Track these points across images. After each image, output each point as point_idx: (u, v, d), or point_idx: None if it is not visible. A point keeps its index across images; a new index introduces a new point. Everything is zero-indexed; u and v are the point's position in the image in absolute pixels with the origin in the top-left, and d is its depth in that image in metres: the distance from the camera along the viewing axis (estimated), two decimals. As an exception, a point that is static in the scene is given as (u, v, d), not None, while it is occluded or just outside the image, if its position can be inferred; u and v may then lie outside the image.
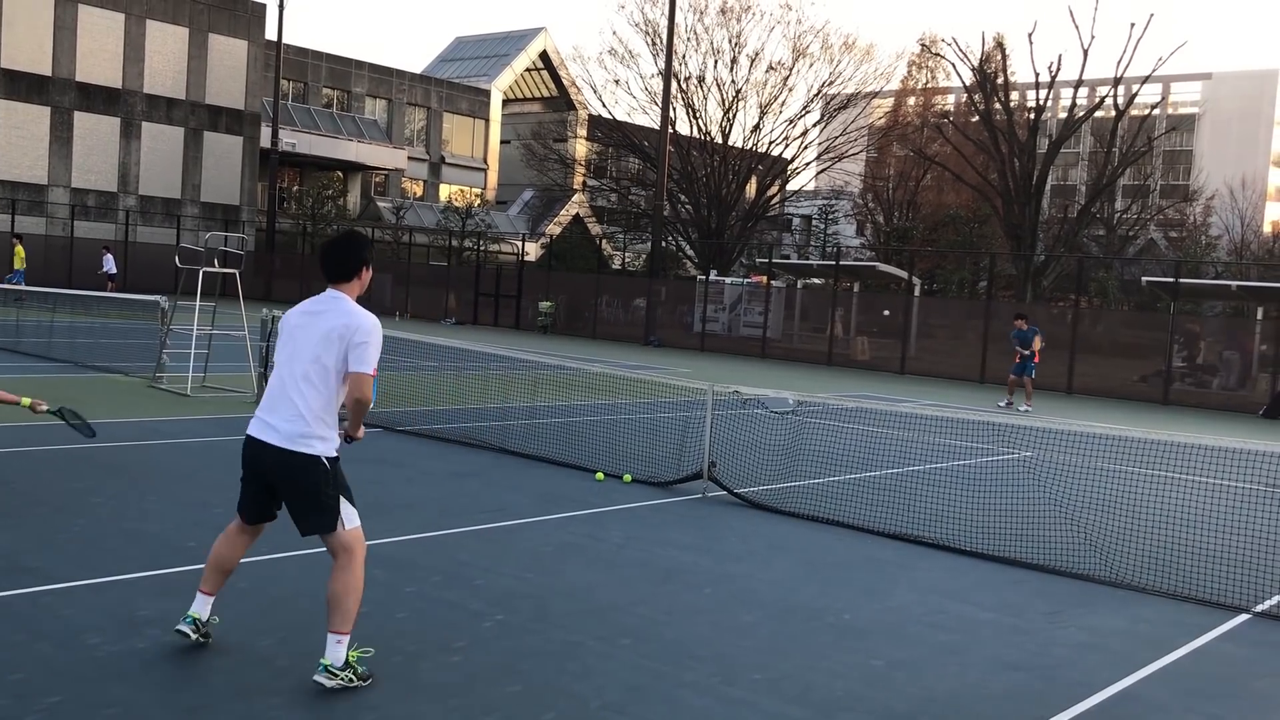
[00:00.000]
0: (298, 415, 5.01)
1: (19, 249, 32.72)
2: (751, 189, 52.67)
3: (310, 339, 5.05)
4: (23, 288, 27.93)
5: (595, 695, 5.08)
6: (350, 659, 4.96)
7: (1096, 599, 7.45)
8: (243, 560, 6.81)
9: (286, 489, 5.09)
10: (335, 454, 5.08)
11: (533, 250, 57.18)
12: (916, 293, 36.13)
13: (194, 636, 5.24)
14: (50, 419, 7.56)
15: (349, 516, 5.06)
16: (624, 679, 5.30)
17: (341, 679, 4.90)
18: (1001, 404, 21.21)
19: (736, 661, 5.66)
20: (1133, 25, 40.70)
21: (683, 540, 8.30)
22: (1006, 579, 7.82)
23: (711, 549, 8.08)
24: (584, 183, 61.47)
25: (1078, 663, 6.05)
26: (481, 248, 47.77)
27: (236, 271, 15.69)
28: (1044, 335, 20.84)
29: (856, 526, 9.11)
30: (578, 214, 64.58)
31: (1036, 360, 21.08)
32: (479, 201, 60.22)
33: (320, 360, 5.01)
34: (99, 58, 43.51)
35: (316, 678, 4.89)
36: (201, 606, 5.31)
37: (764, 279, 37.51)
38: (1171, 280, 30.24)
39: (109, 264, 35.58)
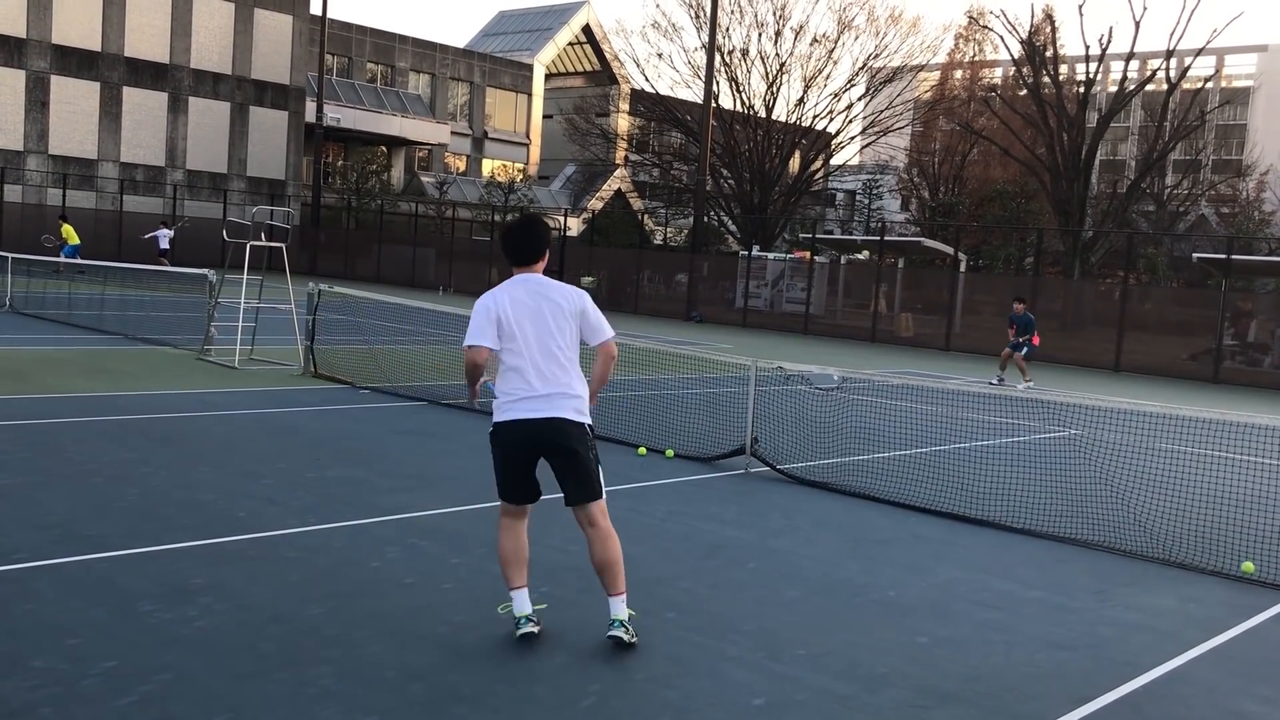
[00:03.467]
0: (572, 389, 5.30)
1: (67, 227, 33.11)
2: (795, 164, 52.31)
3: (548, 319, 5.30)
4: (77, 261, 28.30)
5: (640, 668, 5.10)
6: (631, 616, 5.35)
7: (1145, 578, 7.37)
8: (291, 530, 6.94)
9: (564, 459, 5.30)
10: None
11: (575, 225, 57.18)
12: (962, 269, 35.77)
13: (537, 629, 5.35)
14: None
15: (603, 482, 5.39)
16: (668, 652, 5.32)
17: (632, 629, 5.32)
18: (993, 380, 20.98)
19: (780, 636, 5.66)
20: (1187, -4, 39.91)
21: (726, 515, 8.30)
22: (1053, 557, 7.75)
23: (755, 524, 8.07)
24: (626, 158, 61.33)
25: (1125, 642, 5.99)
26: (524, 223, 47.77)
27: (283, 245, 15.83)
28: (1037, 332, 20.99)
29: (901, 503, 9.07)
30: (620, 189, 64.46)
31: (1035, 342, 21.02)
32: (521, 176, 60.29)
33: (565, 337, 5.32)
34: (147, 33, 43.93)
35: (618, 635, 5.25)
36: (523, 603, 5.39)
37: (807, 255, 37.29)
38: (1223, 257, 29.73)
39: (163, 239, 35.83)
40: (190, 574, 5.95)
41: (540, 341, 5.27)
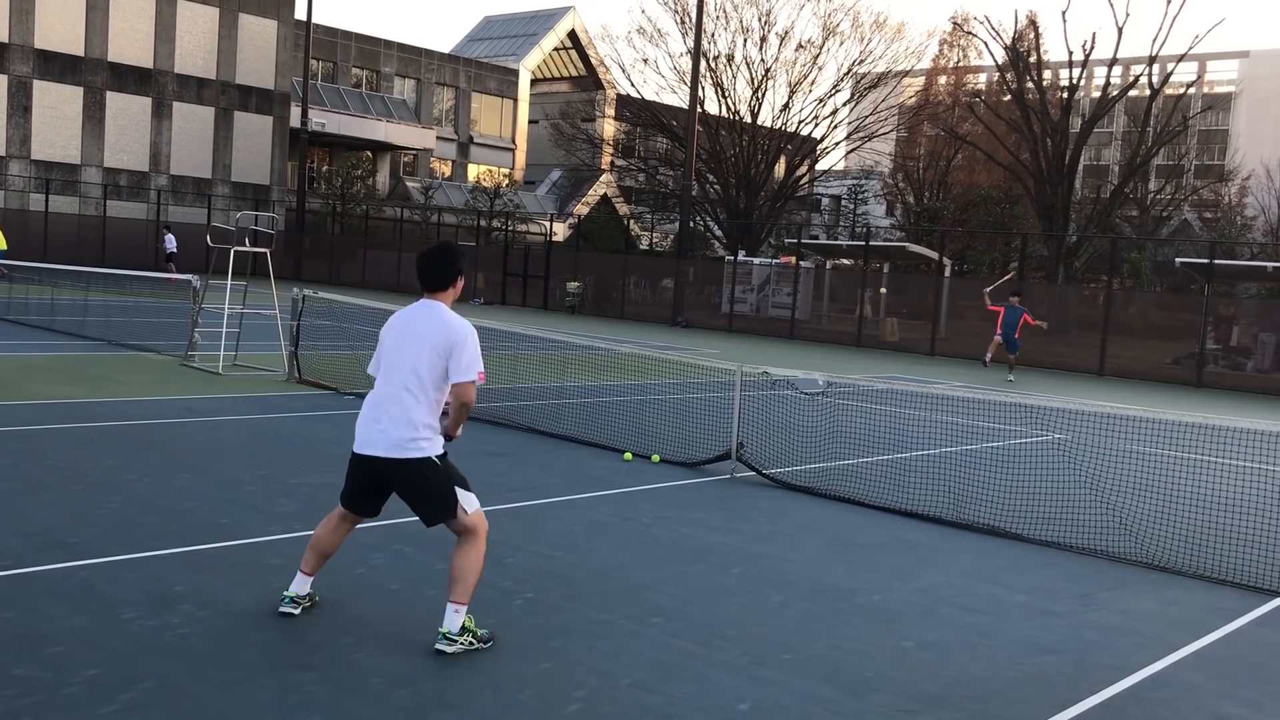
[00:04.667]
0: (405, 423, 5.19)
1: None
2: (780, 169, 52.41)
3: (407, 351, 5.24)
4: (7, 262, 27.94)
5: (625, 673, 5.09)
6: (467, 624, 5.21)
7: (1129, 582, 7.40)
8: (275, 537, 6.91)
9: (403, 491, 5.33)
10: (443, 450, 5.31)
11: (560, 230, 57.16)
12: (947, 273, 35.89)
13: (297, 611, 5.46)
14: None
15: (468, 502, 5.30)
16: (654, 658, 5.31)
17: (461, 644, 5.17)
18: (984, 364, 22.36)
19: (766, 641, 5.66)
20: (1168, 2, 40.12)
21: (712, 520, 8.30)
22: (1038, 561, 7.78)
23: (740, 529, 8.07)
24: (612, 163, 61.36)
25: (1109, 645, 6.01)
26: (509, 228, 47.84)
27: (267, 251, 15.78)
28: (1027, 313, 22.27)
29: (886, 508, 9.08)
30: (606, 194, 64.48)
31: (1026, 324, 22.29)
32: (507, 181, 60.24)
33: (417, 372, 5.21)
34: (130, 38, 43.77)
35: (437, 646, 5.15)
36: (301, 585, 5.52)
37: (792, 259, 37.36)
38: (1206, 261, 29.89)
39: (170, 243, 35.76)
40: (173, 581, 5.92)
41: (391, 374, 5.26)
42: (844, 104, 51.12)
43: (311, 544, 5.54)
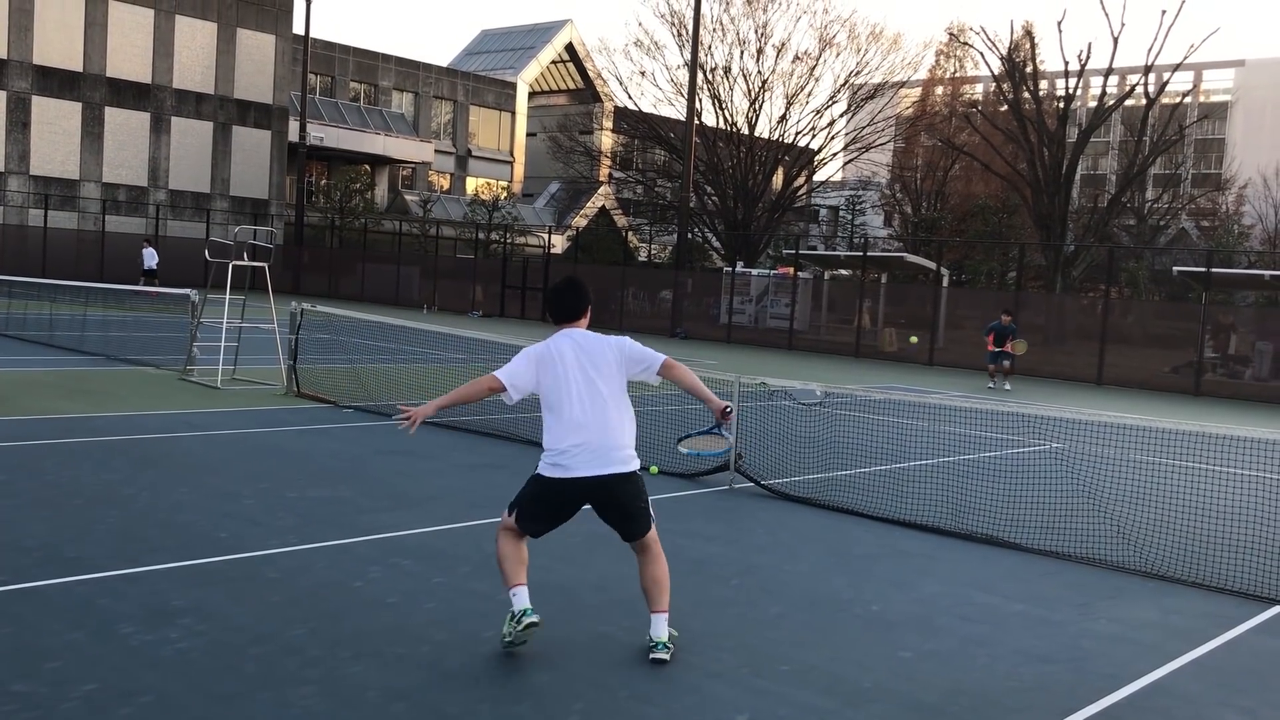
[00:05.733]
0: (617, 441, 5.43)
1: None
2: (778, 180, 52.50)
3: (591, 373, 5.45)
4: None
5: (623, 685, 5.09)
6: (671, 635, 5.50)
7: (1127, 590, 7.40)
8: (273, 551, 6.91)
9: (621, 507, 5.47)
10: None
11: (559, 242, 57.21)
12: (945, 283, 35.93)
13: (537, 618, 5.34)
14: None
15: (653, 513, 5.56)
16: (653, 669, 5.31)
17: (672, 647, 5.45)
18: (989, 386, 22.51)
19: (764, 652, 5.66)
20: (1164, 12, 40.32)
21: (710, 532, 8.30)
22: (1036, 570, 7.78)
23: (738, 540, 8.07)
24: (610, 175, 61.45)
25: (1108, 654, 6.01)
26: (508, 240, 47.88)
27: (266, 265, 15.80)
28: (1025, 343, 22.76)
29: (884, 518, 9.09)
30: (604, 206, 64.57)
31: (1010, 349, 22.59)
32: (505, 194, 60.35)
33: (614, 390, 5.49)
34: (129, 53, 43.87)
35: (657, 655, 5.36)
36: (524, 598, 5.39)
37: (790, 270, 37.40)
38: (1203, 270, 29.94)
39: (149, 258, 35.35)
40: (171, 595, 5.92)
41: (591, 397, 5.45)
42: (841, 115, 51.24)
43: (505, 559, 5.45)
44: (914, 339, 27.48)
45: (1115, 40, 40.68)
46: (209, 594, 5.98)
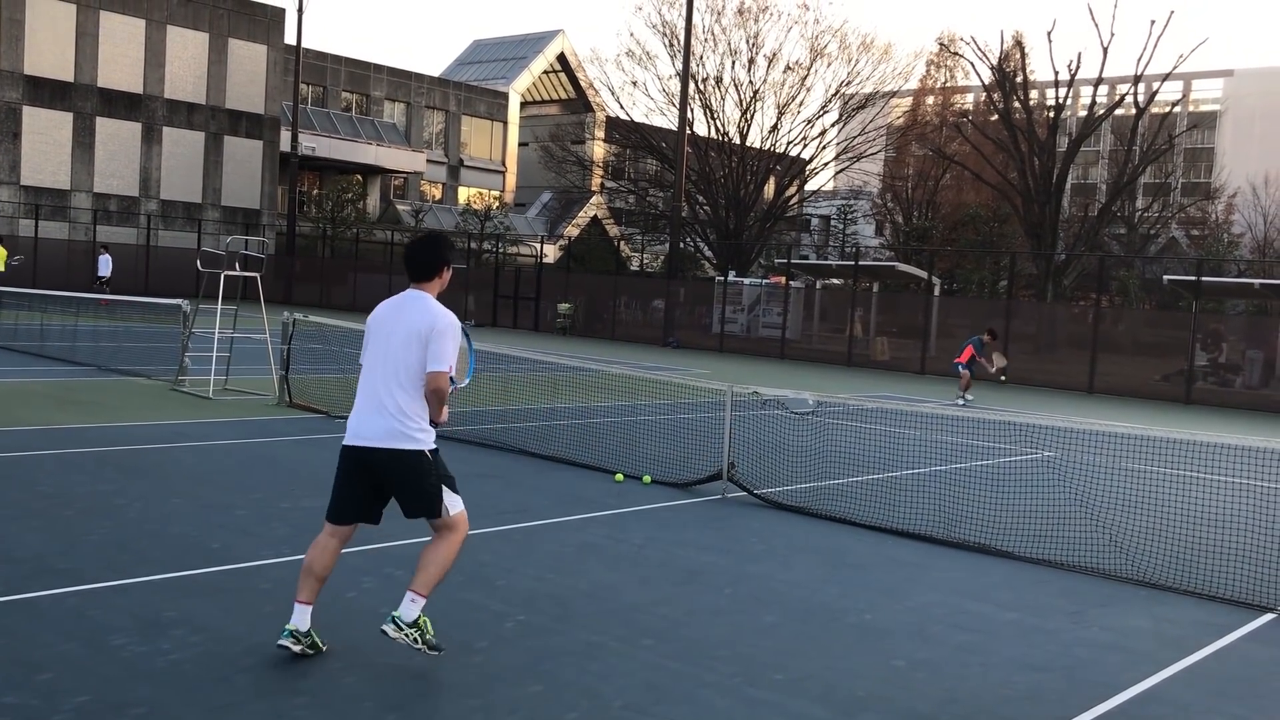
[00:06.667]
0: (398, 412, 5.21)
1: (0, 251, 32.41)
2: (770, 189, 52.61)
3: (395, 340, 5.26)
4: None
5: (617, 695, 5.09)
6: (421, 622, 5.19)
7: (1119, 598, 7.42)
8: (266, 561, 6.90)
9: (394, 484, 5.30)
10: (434, 445, 5.31)
11: (551, 252, 57.25)
12: (936, 292, 36.00)
13: (296, 649, 5.22)
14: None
15: (453, 503, 5.31)
16: (646, 679, 5.31)
17: (406, 635, 5.16)
18: (959, 401, 21.07)
19: (757, 662, 5.66)
20: (1153, 22, 40.63)
21: (703, 541, 8.31)
22: (1029, 579, 7.79)
23: (732, 550, 8.08)
24: (602, 184, 61.53)
25: (1100, 663, 6.02)
26: (500, 250, 47.88)
27: (257, 275, 15.78)
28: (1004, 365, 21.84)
29: (877, 527, 9.10)
30: (596, 215, 64.64)
31: (973, 360, 21.54)
32: (497, 204, 60.37)
33: (407, 362, 5.22)
34: (120, 63, 43.83)
35: (383, 626, 5.21)
36: (301, 618, 5.28)
37: (782, 279, 37.45)
38: (1194, 279, 30.04)
39: (103, 266, 34.48)
40: (163, 606, 5.90)
41: (384, 364, 5.27)
42: (832, 125, 51.39)
43: (304, 570, 5.43)
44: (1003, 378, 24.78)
45: (1105, 50, 40.89)
46: (201, 605, 5.97)
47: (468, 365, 6.02)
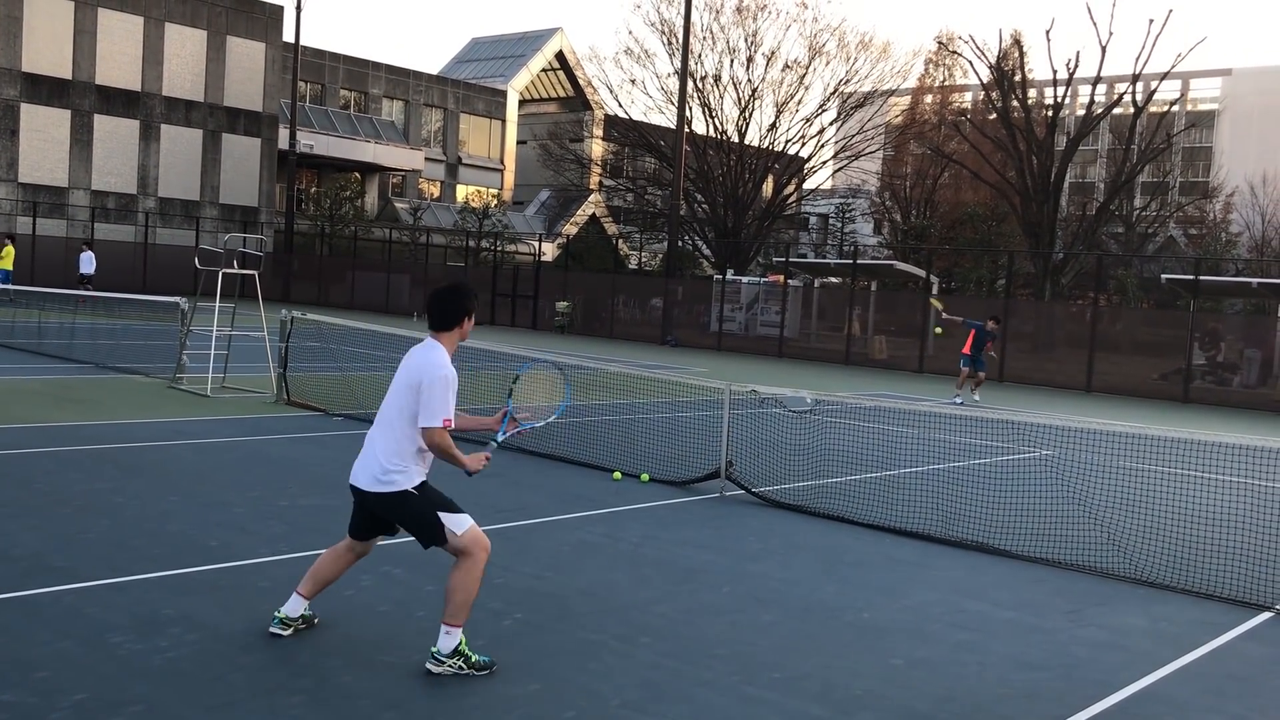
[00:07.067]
0: (374, 457, 5.29)
1: (9, 249, 32.36)
2: (768, 188, 52.59)
3: (397, 384, 5.35)
4: (9, 287, 27.67)
5: (615, 694, 5.09)
6: (462, 648, 5.18)
7: (1117, 597, 7.42)
8: (263, 559, 6.89)
9: (394, 520, 5.41)
10: (419, 480, 5.30)
11: (549, 250, 57.23)
12: (934, 291, 36.01)
13: (286, 633, 5.47)
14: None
15: (456, 524, 5.26)
16: (643, 677, 5.31)
17: (449, 666, 5.14)
18: (957, 400, 20.70)
19: (755, 660, 5.66)
20: (1151, 22, 40.64)
21: (701, 539, 8.31)
22: (1026, 577, 7.80)
23: (730, 548, 8.08)
24: (600, 183, 61.50)
25: (1098, 661, 6.03)
26: (498, 248, 47.87)
27: (255, 273, 15.77)
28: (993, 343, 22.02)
29: (875, 525, 9.10)
30: (594, 214, 64.60)
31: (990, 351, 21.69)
32: (496, 202, 60.34)
33: (394, 407, 5.30)
34: (118, 61, 43.77)
35: (427, 664, 5.17)
36: (294, 607, 5.52)
37: (781, 278, 37.46)
38: (1191, 278, 30.05)
39: (86, 263, 33.81)
40: (161, 604, 5.90)
41: (384, 405, 5.37)
42: (831, 123, 51.36)
43: (312, 570, 5.57)
44: (939, 330, 25.42)
45: (1103, 49, 40.89)
46: (199, 603, 5.97)
47: (557, 407, 6.28)
